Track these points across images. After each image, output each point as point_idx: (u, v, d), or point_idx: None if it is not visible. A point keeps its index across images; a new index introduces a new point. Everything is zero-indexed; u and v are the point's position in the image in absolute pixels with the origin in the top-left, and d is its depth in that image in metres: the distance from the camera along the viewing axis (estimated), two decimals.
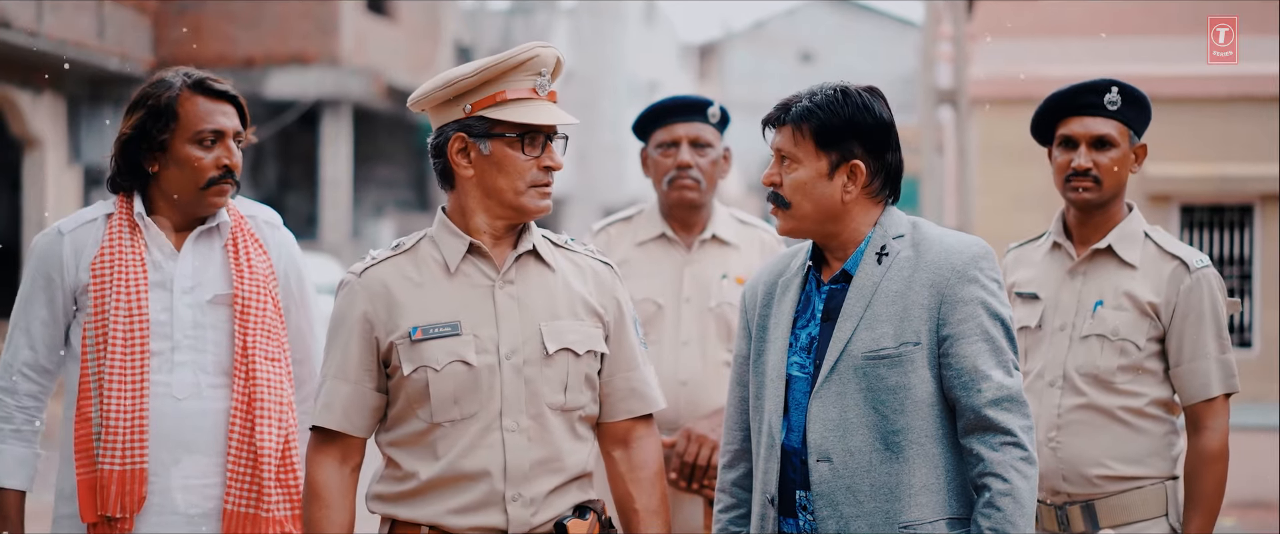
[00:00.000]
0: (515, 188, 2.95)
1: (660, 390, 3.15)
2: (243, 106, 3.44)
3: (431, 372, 2.90)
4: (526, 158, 2.95)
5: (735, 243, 4.25)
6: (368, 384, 2.97)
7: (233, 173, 3.38)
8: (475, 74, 2.95)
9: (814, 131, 2.90)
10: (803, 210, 2.93)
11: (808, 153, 2.92)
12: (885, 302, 2.87)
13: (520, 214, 2.97)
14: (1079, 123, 3.66)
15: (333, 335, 3.01)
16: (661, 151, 4.23)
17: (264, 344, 3.37)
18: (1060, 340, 3.69)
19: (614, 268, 3.11)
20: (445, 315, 2.92)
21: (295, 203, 23.10)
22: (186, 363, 3.32)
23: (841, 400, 2.86)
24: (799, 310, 2.99)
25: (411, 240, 3.06)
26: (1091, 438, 3.62)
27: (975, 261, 2.86)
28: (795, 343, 2.97)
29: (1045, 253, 3.83)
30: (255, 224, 3.51)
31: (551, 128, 2.95)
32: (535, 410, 2.93)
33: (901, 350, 2.84)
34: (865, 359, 2.86)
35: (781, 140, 2.94)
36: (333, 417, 2.98)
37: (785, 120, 2.93)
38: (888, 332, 2.85)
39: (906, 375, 2.83)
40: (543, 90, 2.96)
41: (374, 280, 2.97)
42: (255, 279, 3.40)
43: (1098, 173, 3.65)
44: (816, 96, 2.91)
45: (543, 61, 2.97)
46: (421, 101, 3.01)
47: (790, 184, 2.93)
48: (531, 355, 2.94)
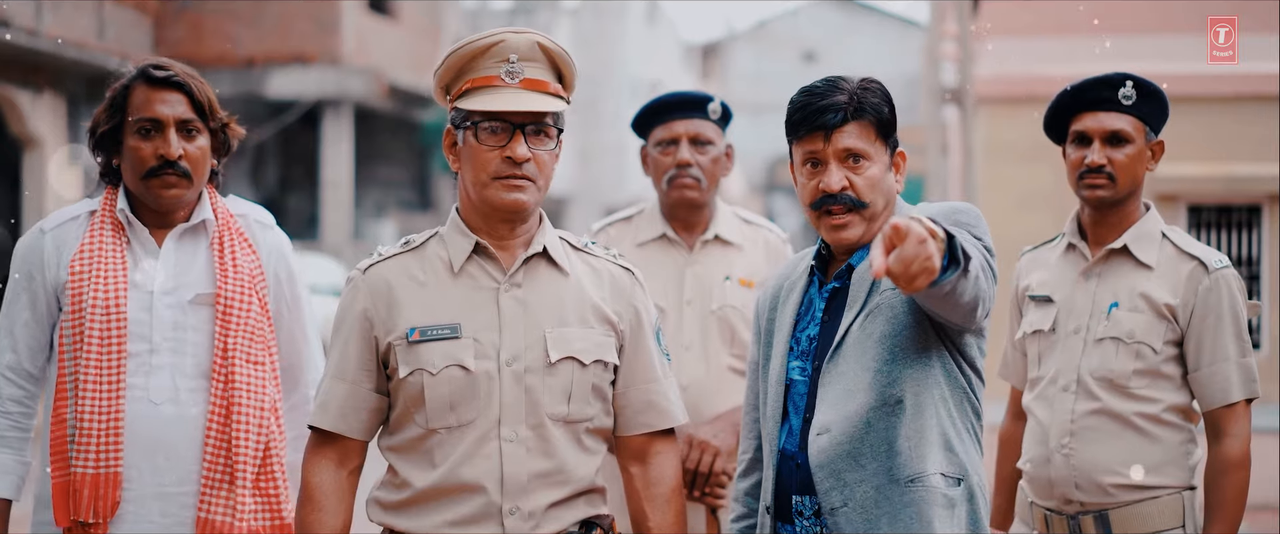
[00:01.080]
0: (479, 180, 2.82)
1: (681, 403, 3.01)
2: (196, 94, 3.29)
3: (427, 375, 2.79)
4: (487, 148, 2.81)
5: (739, 243, 4.13)
6: (366, 384, 2.87)
7: (175, 164, 3.25)
8: (443, 63, 2.85)
9: (878, 125, 2.82)
10: (876, 209, 2.84)
11: (877, 148, 2.84)
12: (866, 271, 2.80)
13: (491, 209, 2.84)
14: (1093, 118, 3.56)
15: (335, 333, 2.90)
16: (661, 149, 4.11)
17: (246, 347, 3.26)
18: (1074, 344, 3.59)
19: (636, 274, 2.99)
20: (445, 317, 2.81)
21: (296, 203, 23.05)
22: (165, 365, 3.22)
23: (843, 377, 2.79)
24: (800, 313, 2.91)
25: (422, 237, 2.95)
26: (1106, 445, 3.52)
27: (953, 211, 2.76)
28: (796, 346, 2.90)
29: (1059, 255, 3.72)
30: (245, 223, 3.40)
31: (518, 116, 2.80)
32: (535, 420, 2.81)
33: (881, 298, 2.79)
34: (857, 326, 2.80)
35: (852, 138, 2.81)
36: (328, 417, 2.88)
37: (860, 114, 2.81)
38: (869, 290, 2.80)
39: (889, 322, 2.78)
40: (514, 77, 2.81)
41: (377, 278, 2.88)
42: (240, 279, 3.29)
43: (1112, 169, 3.54)
44: (869, 89, 2.83)
45: (511, 47, 2.83)
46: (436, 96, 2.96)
47: (867, 182, 2.82)
48: (533, 363, 2.82)
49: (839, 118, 2.79)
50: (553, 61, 2.88)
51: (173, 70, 3.29)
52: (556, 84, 2.88)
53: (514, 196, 2.80)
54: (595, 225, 4.28)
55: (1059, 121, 3.64)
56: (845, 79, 2.84)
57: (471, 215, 2.88)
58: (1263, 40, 11.07)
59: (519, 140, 2.80)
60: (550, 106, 2.81)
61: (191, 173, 3.26)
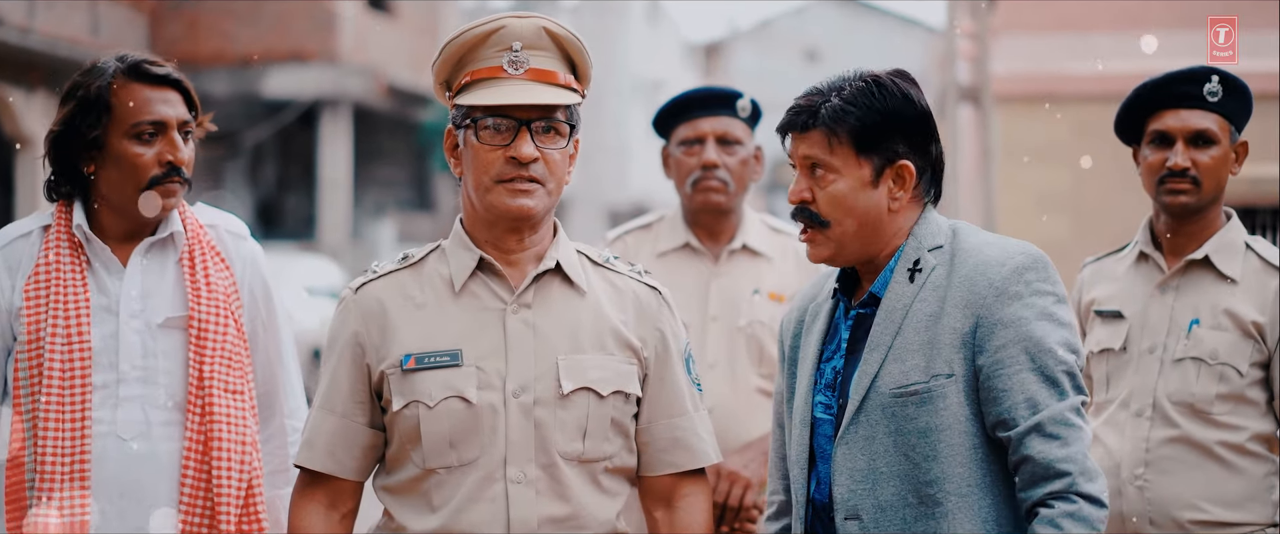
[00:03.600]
0: (481, 184, 2.53)
1: (714, 441, 2.70)
2: (190, 92, 3.00)
3: (423, 408, 2.51)
4: (489, 148, 2.51)
5: (768, 253, 3.85)
6: (359, 418, 2.58)
7: (180, 169, 2.94)
8: (440, 54, 2.56)
9: (852, 134, 2.48)
10: (844, 229, 2.50)
11: (846, 160, 2.49)
12: (916, 328, 2.45)
13: (496, 216, 2.55)
14: (1175, 116, 3.27)
15: (324, 359, 2.61)
16: (685, 150, 3.81)
17: (224, 374, 2.94)
18: (1149, 364, 3.30)
19: (663, 293, 2.69)
20: (445, 342, 2.52)
21: (294, 203, 22.85)
22: (134, 397, 2.90)
23: (870, 447, 2.45)
24: (825, 341, 2.59)
25: (421, 252, 2.65)
26: (1184, 477, 3.24)
27: (1019, 275, 2.42)
28: (820, 379, 2.57)
29: (1130, 266, 3.42)
30: (216, 234, 3.08)
31: (525, 111, 2.50)
32: (546, 459, 2.51)
33: (932, 385, 2.42)
34: (893, 397, 2.44)
35: (810, 147, 2.51)
36: (316, 455, 2.58)
37: (814, 124, 2.50)
38: (917, 364, 2.44)
39: (938, 415, 2.41)
40: (518, 67, 2.51)
41: (369, 298, 2.59)
42: (214, 298, 2.97)
43: (1197, 173, 3.26)
44: (845, 91, 2.50)
45: (514, 33, 2.52)
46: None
47: (828, 198, 2.50)
48: (544, 394, 2.52)
49: (799, 121, 2.51)
50: (563, 49, 2.58)
51: (166, 66, 2.98)
52: (568, 74, 2.57)
53: (519, 202, 2.51)
54: (610, 234, 3.98)
55: (1134, 120, 3.35)
56: (841, 79, 2.53)
57: (475, 226, 2.59)
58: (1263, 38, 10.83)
59: (524, 138, 2.50)
60: (560, 99, 2.52)
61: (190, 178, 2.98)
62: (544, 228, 2.60)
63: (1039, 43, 12.49)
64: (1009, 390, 2.38)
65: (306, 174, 22.49)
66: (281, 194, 23.22)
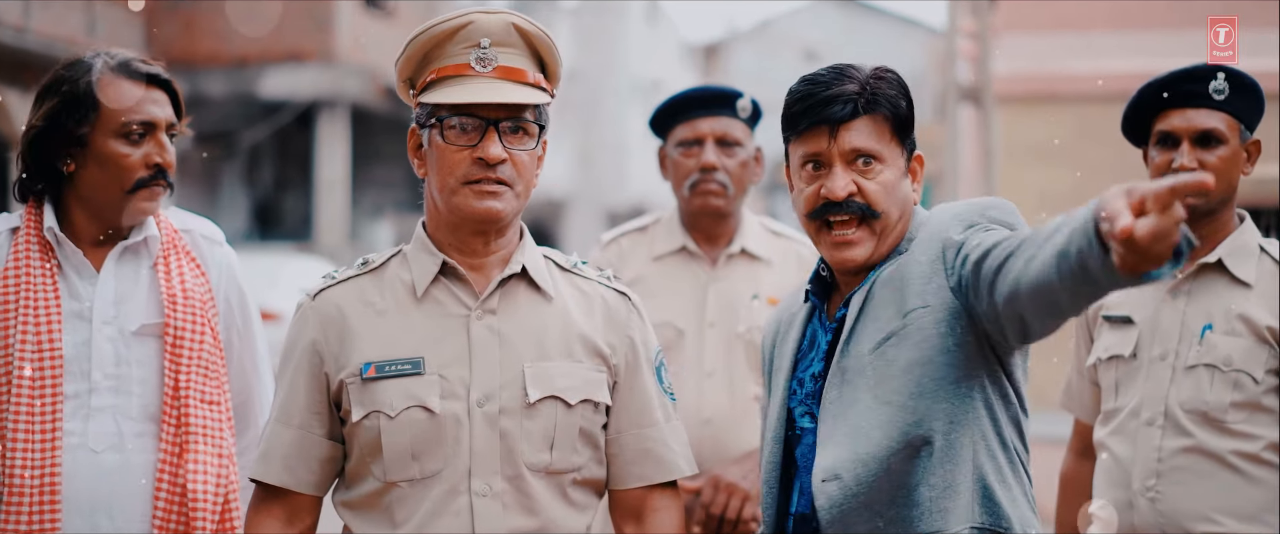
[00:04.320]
0: (447, 186, 2.45)
1: (687, 452, 2.61)
2: (177, 92, 2.90)
3: (384, 418, 2.43)
4: (455, 148, 2.43)
5: (767, 257, 3.74)
6: (316, 430, 2.50)
7: (165, 172, 2.84)
8: (404, 50, 2.47)
9: (896, 120, 2.42)
10: (890, 220, 2.43)
11: (892, 148, 2.43)
12: (885, 286, 2.40)
13: (461, 220, 2.47)
14: (1180, 116, 3.17)
15: (281, 369, 2.52)
16: (683, 151, 3.70)
17: (200, 384, 2.84)
18: (1161, 371, 3.19)
19: (632, 299, 2.62)
20: (406, 350, 2.44)
21: (291, 204, 22.75)
22: (107, 407, 2.79)
23: (852, 410, 2.36)
24: (802, 351, 2.49)
25: (382, 257, 2.56)
26: (1198, 488, 3.12)
27: (980, 209, 2.39)
28: (799, 389, 2.47)
29: None
30: (191, 239, 2.97)
31: (493, 111, 2.42)
32: (512, 471, 2.43)
33: (908, 320, 2.34)
34: (872, 353, 2.36)
35: (861, 136, 2.41)
36: (271, 469, 2.49)
37: (874, 107, 2.40)
38: (890, 313, 2.37)
39: (918, 348, 2.34)
40: (486, 64, 2.44)
41: (328, 304, 2.51)
42: (190, 305, 2.87)
43: None
44: (886, 78, 2.43)
45: (482, 29, 2.44)
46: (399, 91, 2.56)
47: (879, 189, 2.41)
48: (510, 403, 2.44)
49: (847, 111, 2.39)
50: (532, 46, 2.50)
51: (154, 65, 2.88)
52: (537, 72, 2.50)
53: (486, 205, 2.43)
54: (605, 236, 3.86)
55: (1140, 120, 3.26)
56: (855, 67, 2.44)
57: (439, 230, 2.51)
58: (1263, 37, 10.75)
59: (492, 139, 2.42)
60: (529, 98, 2.44)
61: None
62: (511, 231, 2.53)
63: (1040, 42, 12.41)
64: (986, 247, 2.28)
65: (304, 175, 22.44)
66: (279, 195, 23.15)
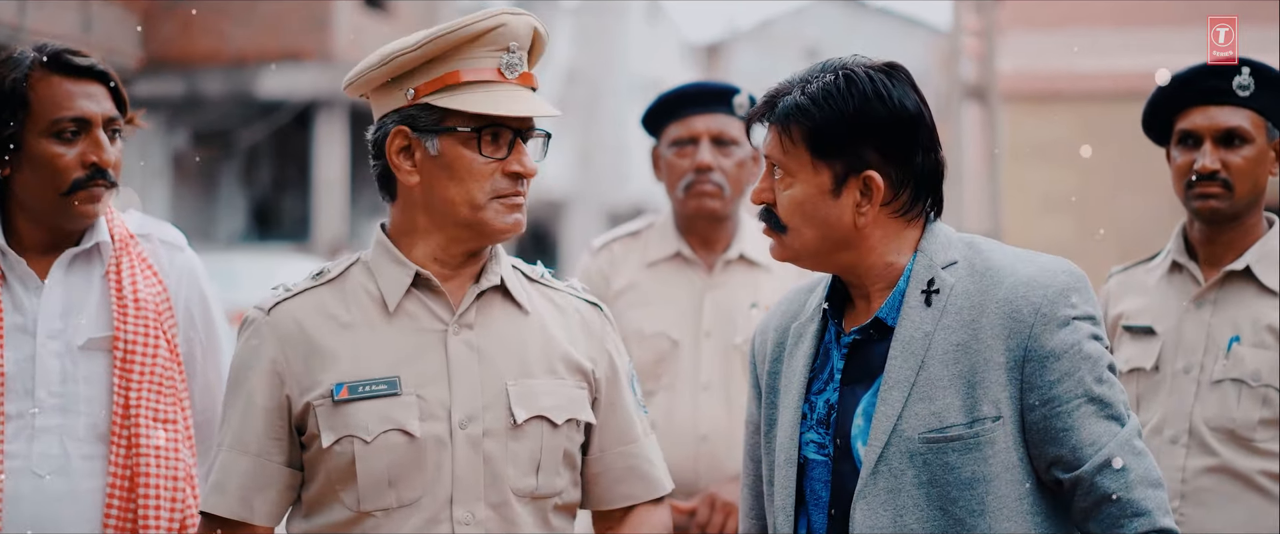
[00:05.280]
0: (472, 200, 2.30)
1: (665, 467, 2.49)
2: (118, 86, 2.73)
3: (359, 443, 2.26)
4: (486, 159, 2.30)
5: (767, 264, 3.54)
6: (275, 457, 2.32)
7: (105, 172, 2.67)
8: (418, 47, 2.29)
9: (807, 136, 2.19)
10: (803, 237, 2.23)
11: (802, 163, 2.21)
12: (944, 360, 2.16)
13: (480, 235, 2.34)
14: (1202, 114, 3.04)
15: (231, 392, 2.34)
16: (677, 150, 3.54)
17: (153, 402, 2.68)
18: (1184, 386, 3.05)
19: (605, 310, 2.49)
20: (380, 368, 2.28)
21: (289, 204, 22.66)
22: (52, 428, 2.63)
23: (895, 500, 2.15)
24: (814, 369, 2.29)
25: (339, 267, 2.39)
26: (1224, 510, 2.99)
27: (1065, 297, 2.15)
28: (810, 414, 2.27)
29: (1161, 277, 3.16)
30: (148, 245, 2.80)
31: (521, 121, 2.31)
32: (497, 497, 2.28)
33: (977, 431, 2.13)
34: (925, 442, 2.14)
35: (769, 145, 2.24)
36: (226, 501, 2.31)
37: (770, 119, 2.23)
38: (953, 403, 2.14)
39: (986, 463, 2.13)
40: (512, 71, 2.31)
41: (286, 319, 2.33)
42: (143, 316, 2.70)
43: (1228, 175, 3.01)
44: (811, 85, 2.20)
45: (512, 33, 2.31)
46: (356, 84, 2.37)
47: (785, 203, 2.23)
48: (494, 425, 2.29)
49: (759, 112, 2.27)
50: (536, 51, 2.39)
51: (91, 56, 2.71)
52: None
53: (515, 219, 2.32)
54: (596, 241, 3.71)
55: (1161, 119, 3.12)
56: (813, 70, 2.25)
57: (415, 239, 2.34)
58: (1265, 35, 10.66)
59: (524, 151, 2.33)
60: (556, 110, 2.36)
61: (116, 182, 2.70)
62: None
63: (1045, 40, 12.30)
64: (1070, 429, 2.13)
65: (302, 175, 22.37)
66: (277, 195, 23.07)
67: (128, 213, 2.81)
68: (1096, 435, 2.13)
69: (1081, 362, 2.13)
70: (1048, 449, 2.14)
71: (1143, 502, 2.11)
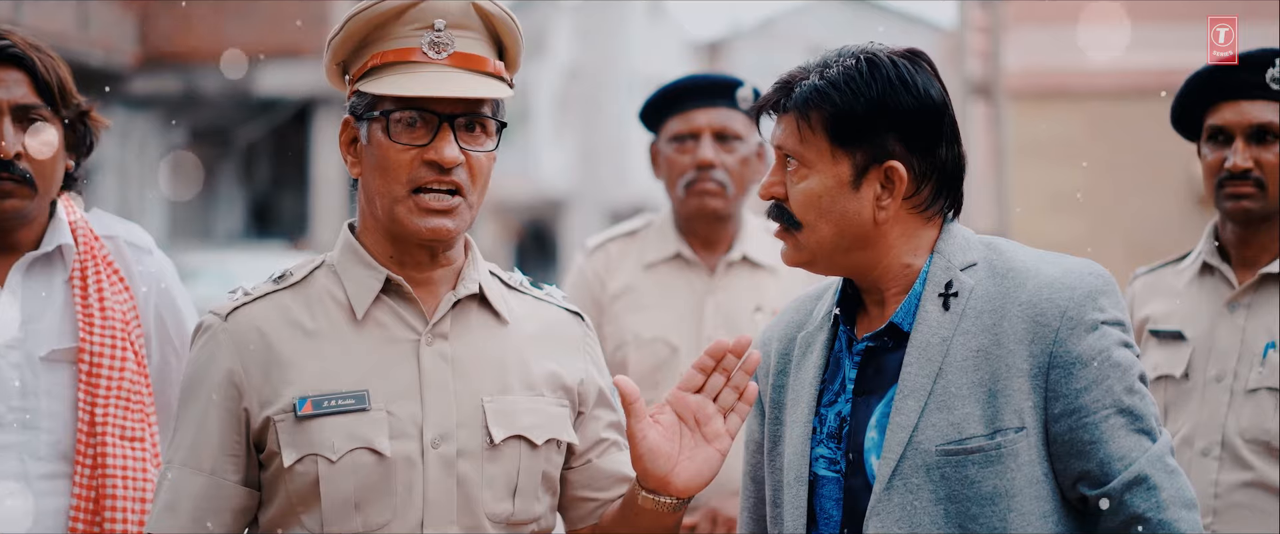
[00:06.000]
0: (390, 193, 2.16)
1: None
2: (42, 72, 2.56)
3: (324, 462, 2.12)
4: (403, 147, 2.14)
5: (771, 265, 3.51)
6: (230, 475, 2.18)
7: (11, 165, 2.52)
8: (341, 29, 2.17)
9: (828, 122, 2.10)
10: (819, 235, 2.13)
11: (820, 153, 2.11)
12: (962, 368, 2.06)
13: (400, 235, 2.17)
14: (1233, 109, 2.97)
15: (184, 404, 2.20)
16: (677, 146, 3.47)
17: (120, 417, 2.56)
18: (1217, 395, 2.97)
19: (586, 319, 2.35)
20: (348, 381, 2.14)
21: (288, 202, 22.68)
22: (11, 445, 2.52)
23: (911, 517, 2.05)
24: (825, 380, 2.18)
25: (303, 269, 2.24)
26: (1259, 526, 2.94)
27: (1093, 300, 2.05)
28: (820, 427, 2.17)
29: (1191, 279, 3.08)
30: (115, 247, 2.69)
31: (448, 104, 2.14)
32: (470, 522, 2.16)
33: (998, 442, 2.03)
34: (943, 455, 2.04)
35: (783, 135, 2.13)
36: (179, 521, 2.17)
37: (787, 107, 2.12)
38: (973, 412, 2.05)
39: (1009, 476, 2.04)
40: (441, 50, 2.15)
41: (245, 326, 2.18)
42: (109, 326, 2.58)
43: (1261, 174, 2.96)
44: (831, 70, 2.12)
45: (436, 9, 2.14)
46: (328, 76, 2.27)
47: (799, 196, 2.13)
48: (469, 444, 2.15)
49: (772, 102, 2.18)
50: (493, 30, 2.20)
51: (10, 38, 2.55)
52: (497, 61, 2.21)
53: (434, 224, 2.15)
54: (590, 241, 3.65)
55: (1191, 114, 3.05)
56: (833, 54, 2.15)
57: (376, 240, 2.21)
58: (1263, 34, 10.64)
59: (446, 138, 2.14)
60: (492, 92, 2.17)
61: (35, 178, 2.52)
62: (458, 243, 2.23)
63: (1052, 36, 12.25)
64: (1097, 442, 2.03)
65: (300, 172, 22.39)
66: (275, 193, 23.09)
67: (92, 212, 2.68)
68: (1126, 450, 2.03)
69: (1110, 369, 2.03)
70: (1073, 463, 2.04)
71: (1176, 524, 2.02)
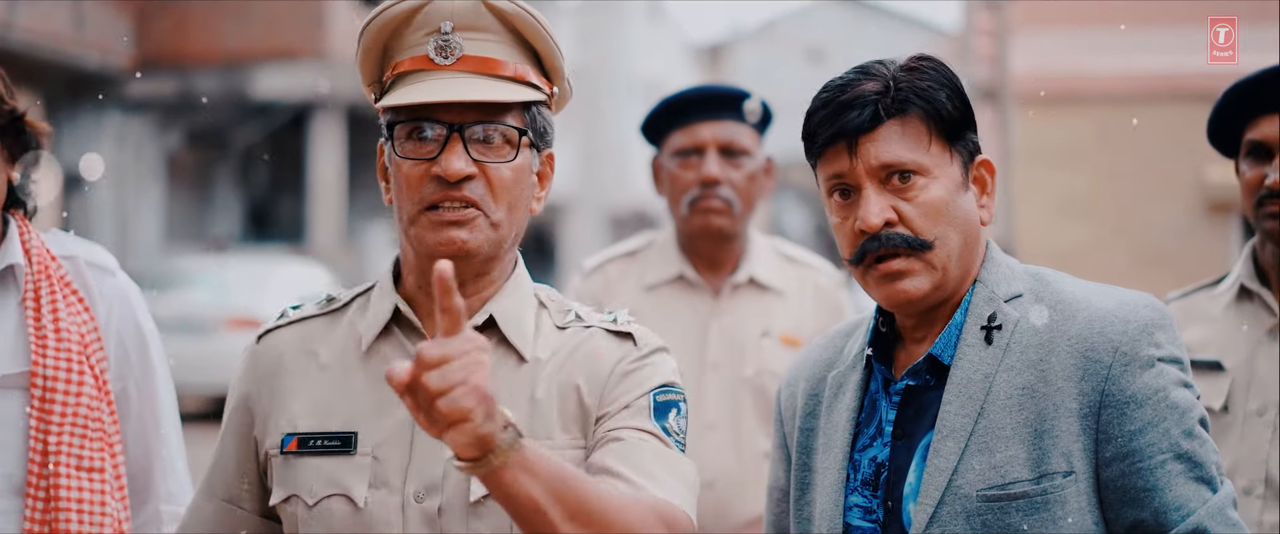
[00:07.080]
0: (407, 213, 1.98)
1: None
2: None
3: (302, 507, 1.97)
4: (412, 163, 1.95)
5: (779, 288, 3.39)
6: (246, 504, 2.08)
7: None
8: (359, 46, 2.01)
9: (939, 118, 1.96)
10: (950, 248, 1.96)
11: (939, 156, 1.96)
12: (1006, 407, 1.91)
13: (421, 256, 1.98)
14: (1271, 124, 2.79)
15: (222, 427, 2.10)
16: (680, 161, 3.32)
17: (76, 446, 2.41)
18: (1259, 430, 2.80)
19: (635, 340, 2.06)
20: (338, 420, 1.99)
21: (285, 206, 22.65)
22: None
23: None
24: (859, 424, 2.03)
25: (348, 294, 2.09)
26: None
27: (1148, 335, 1.91)
28: (854, 474, 2.01)
29: (1228, 304, 2.90)
30: (74, 268, 2.52)
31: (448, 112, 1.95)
32: None
33: (1045, 488, 1.89)
34: (985, 501, 1.90)
35: (892, 147, 1.94)
36: None
37: (904, 107, 1.94)
38: (1015, 455, 1.90)
39: (1055, 525, 1.91)
40: (448, 54, 1.95)
41: (270, 351, 2.08)
42: (65, 349, 2.42)
43: None
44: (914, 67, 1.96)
45: (441, 11, 1.95)
46: None
47: (923, 210, 1.94)
48: (453, 499, 1.94)
49: (866, 115, 1.95)
50: (515, 31, 1.99)
51: None
52: (522, 64, 1.99)
53: (446, 236, 1.94)
54: (588, 263, 3.48)
55: (1229, 127, 2.87)
56: (884, 62, 1.99)
57: (409, 267, 2.03)
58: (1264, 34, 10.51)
59: (453, 149, 1.94)
60: (499, 94, 1.96)
61: None
62: (496, 269, 2.01)
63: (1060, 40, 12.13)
64: (1153, 489, 1.88)
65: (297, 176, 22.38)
66: (272, 196, 23.05)
67: (50, 232, 2.52)
68: (1184, 499, 1.87)
69: (1167, 411, 1.87)
70: (1126, 512, 1.88)
71: None
